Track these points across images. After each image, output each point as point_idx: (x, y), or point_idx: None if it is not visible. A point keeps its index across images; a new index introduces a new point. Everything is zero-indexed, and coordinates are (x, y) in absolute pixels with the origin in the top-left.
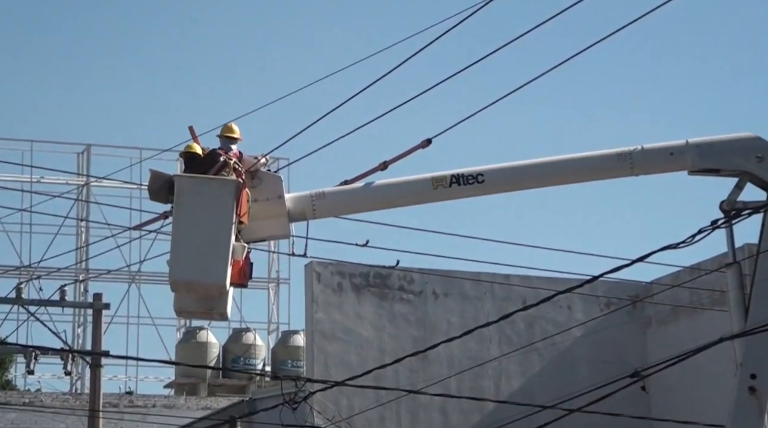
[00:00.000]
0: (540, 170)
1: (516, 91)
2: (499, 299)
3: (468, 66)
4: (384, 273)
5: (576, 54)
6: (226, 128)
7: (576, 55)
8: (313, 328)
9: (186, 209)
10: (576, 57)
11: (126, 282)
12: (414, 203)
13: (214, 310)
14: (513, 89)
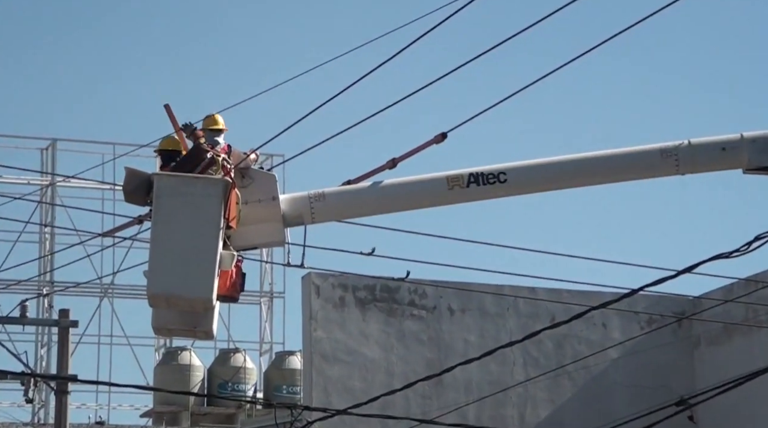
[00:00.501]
0: (571, 168)
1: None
2: (523, 316)
3: (484, 53)
4: (392, 286)
5: (601, 43)
6: (210, 120)
7: (601, 44)
8: (312, 348)
9: (166, 213)
10: (602, 47)
11: (97, 296)
12: (427, 205)
13: (199, 328)
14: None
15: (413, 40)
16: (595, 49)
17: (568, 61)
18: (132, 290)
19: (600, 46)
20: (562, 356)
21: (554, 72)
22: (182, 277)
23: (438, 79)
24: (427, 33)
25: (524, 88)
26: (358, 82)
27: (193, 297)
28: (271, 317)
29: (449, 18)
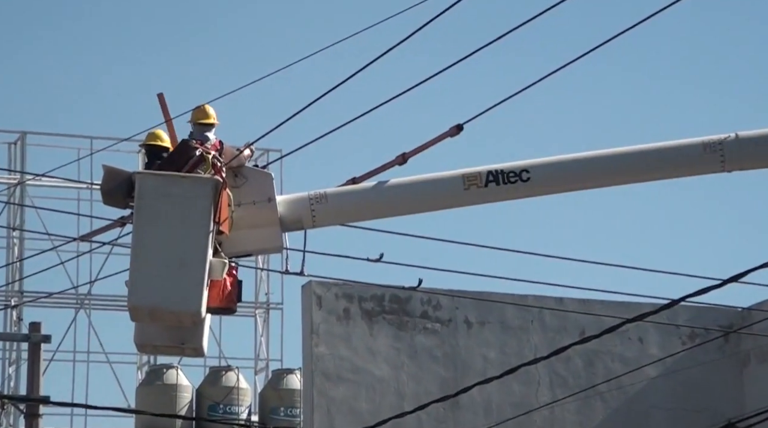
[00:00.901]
0: (602, 165)
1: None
2: (550, 330)
3: (498, 38)
4: (403, 296)
5: (625, 30)
6: (199, 112)
7: (626, 32)
8: (313, 366)
9: (150, 216)
10: (625, 34)
11: (72, 308)
12: (440, 207)
13: (187, 344)
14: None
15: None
16: (621, 36)
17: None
18: (111, 302)
19: (626, 33)
20: (593, 374)
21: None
22: (167, 288)
23: (451, 65)
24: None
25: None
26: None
27: (179, 310)
28: (267, 332)
29: (459, 2)
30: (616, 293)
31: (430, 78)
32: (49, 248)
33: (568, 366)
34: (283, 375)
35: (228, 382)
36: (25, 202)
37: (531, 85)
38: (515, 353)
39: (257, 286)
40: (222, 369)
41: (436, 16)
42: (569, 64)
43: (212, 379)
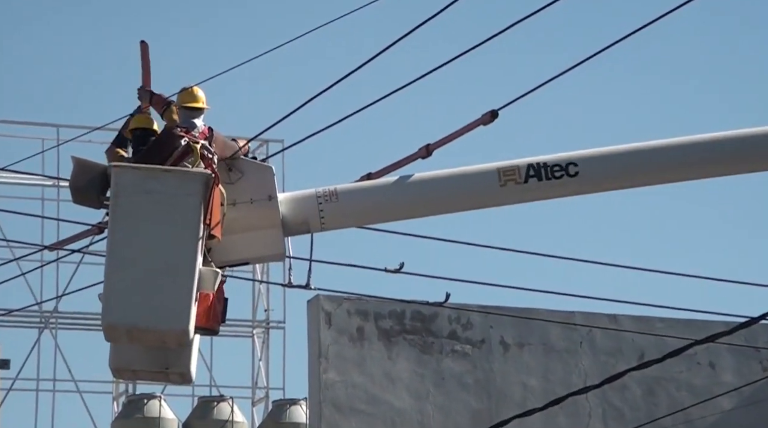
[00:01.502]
0: (663, 157)
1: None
2: (602, 353)
3: (521, 20)
4: (427, 313)
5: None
6: (186, 94)
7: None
8: (321, 396)
9: (128, 217)
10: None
11: (35, 327)
12: (471, 207)
13: (172, 369)
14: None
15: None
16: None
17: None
18: (82, 320)
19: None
20: (654, 406)
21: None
22: (149, 303)
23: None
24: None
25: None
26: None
27: (163, 329)
28: (266, 355)
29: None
30: (681, 309)
31: (455, 59)
32: (8, 257)
33: (624, 395)
34: (286, 406)
35: (220, 415)
36: None
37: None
38: (561, 380)
39: (255, 301)
40: (213, 400)
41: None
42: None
43: (202, 411)
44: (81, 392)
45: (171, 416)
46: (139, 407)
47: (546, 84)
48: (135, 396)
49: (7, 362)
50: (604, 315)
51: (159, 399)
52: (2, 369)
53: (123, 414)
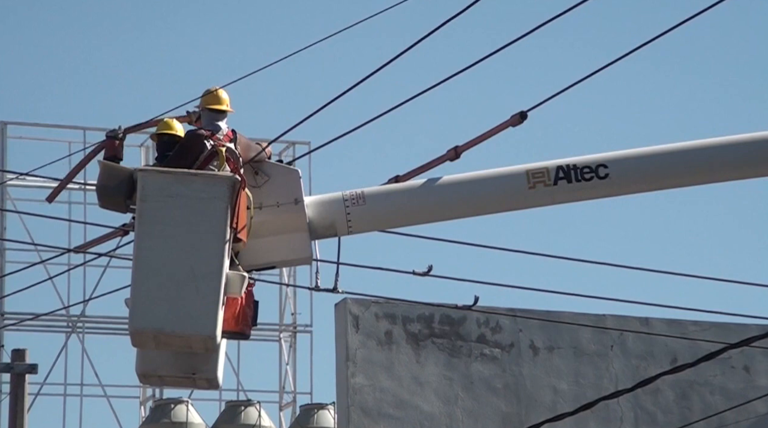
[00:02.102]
0: (695, 157)
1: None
2: (634, 356)
3: (545, 22)
4: (456, 317)
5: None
6: (210, 97)
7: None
8: (349, 400)
9: (155, 221)
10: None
11: (62, 332)
12: (501, 209)
13: (199, 374)
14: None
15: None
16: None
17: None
18: (109, 324)
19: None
20: (687, 410)
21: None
22: (176, 307)
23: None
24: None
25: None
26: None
27: (190, 334)
28: (294, 359)
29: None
30: (715, 312)
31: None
32: (35, 261)
33: (656, 399)
34: (314, 411)
35: (248, 419)
36: (6, 206)
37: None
38: (592, 384)
39: (282, 305)
40: (241, 404)
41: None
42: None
43: (229, 416)
44: (108, 397)
45: (198, 421)
46: (166, 412)
47: (576, 85)
48: (162, 400)
49: (35, 366)
50: (635, 318)
51: (186, 403)
52: (30, 373)
53: (150, 418)
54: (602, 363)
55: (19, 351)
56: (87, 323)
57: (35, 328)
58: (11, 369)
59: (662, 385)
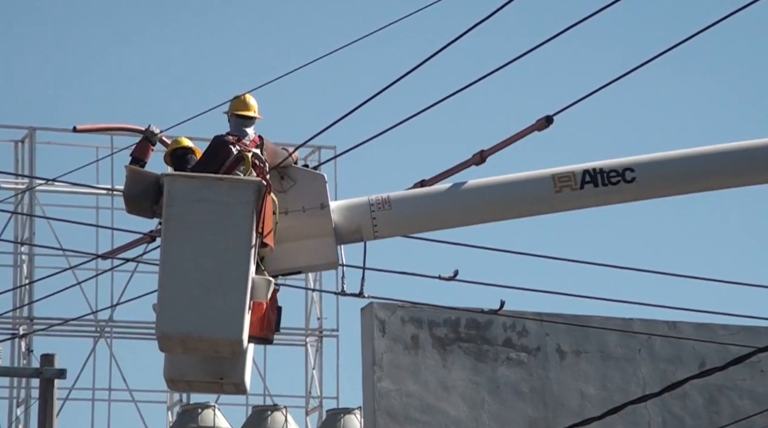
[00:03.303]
0: (723, 161)
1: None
2: (661, 360)
3: (571, 26)
4: (482, 321)
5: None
6: (238, 103)
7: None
8: (375, 405)
9: (181, 226)
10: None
11: (91, 337)
12: (527, 213)
13: (226, 379)
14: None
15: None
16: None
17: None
18: (137, 329)
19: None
20: (716, 414)
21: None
22: (203, 312)
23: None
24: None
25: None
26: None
27: (217, 338)
28: (320, 363)
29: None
30: (744, 316)
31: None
32: (64, 266)
33: (685, 403)
34: (340, 416)
35: (274, 424)
36: (34, 211)
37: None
38: (619, 388)
39: (308, 310)
40: (267, 409)
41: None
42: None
43: (256, 420)
44: (136, 401)
45: (225, 425)
46: (194, 416)
47: (602, 89)
48: (189, 405)
49: (63, 371)
50: (663, 322)
51: (213, 408)
52: (58, 378)
53: (178, 423)
54: (630, 367)
55: (48, 356)
56: (115, 328)
57: (64, 333)
58: (40, 374)
59: (690, 389)
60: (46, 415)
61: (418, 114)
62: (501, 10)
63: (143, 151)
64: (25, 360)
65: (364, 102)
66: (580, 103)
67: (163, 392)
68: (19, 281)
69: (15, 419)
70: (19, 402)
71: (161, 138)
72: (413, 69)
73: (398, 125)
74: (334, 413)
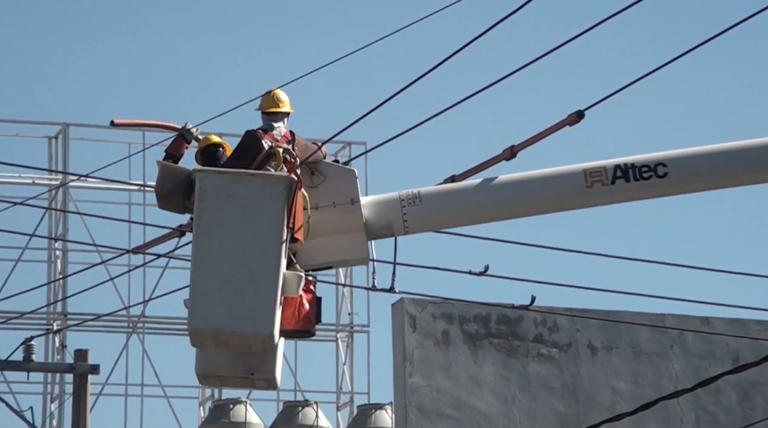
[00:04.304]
0: (755, 155)
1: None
2: (694, 356)
3: (602, 21)
4: (513, 317)
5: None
6: (269, 98)
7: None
8: (407, 400)
9: (213, 221)
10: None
11: (124, 332)
12: (558, 208)
13: (257, 374)
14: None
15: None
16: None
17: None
18: (169, 325)
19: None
20: (750, 410)
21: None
22: (234, 307)
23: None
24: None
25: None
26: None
27: (249, 334)
28: (351, 359)
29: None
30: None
31: (540, 58)
32: (96, 261)
33: (718, 399)
34: (371, 411)
35: (305, 419)
36: (68, 207)
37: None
38: (651, 384)
39: (339, 305)
40: (298, 404)
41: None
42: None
43: (287, 416)
44: (168, 397)
45: (257, 421)
46: (225, 412)
47: (633, 83)
48: (221, 401)
49: (97, 367)
50: (696, 318)
51: (245, 404)
52: (92, 374)
53: (209, 419)
54: (662, 362)
55: (82, 352)
56: (147, 323)
57: (97, 329)
58: (74, 369)
59: (724, 385)
60: (79, 410)
61: (448, 109)
62: (529, 3)
63: (177, 147)
64: (59, 355)
65: (393, 96)
66: (612, 98)
67: (195, 387)
68: (52, 276)
69: (49, 414)
70: (53, 397)
71: (197, 136)
72: (441, 62)
73: (428, 121)
74: (365, 408)
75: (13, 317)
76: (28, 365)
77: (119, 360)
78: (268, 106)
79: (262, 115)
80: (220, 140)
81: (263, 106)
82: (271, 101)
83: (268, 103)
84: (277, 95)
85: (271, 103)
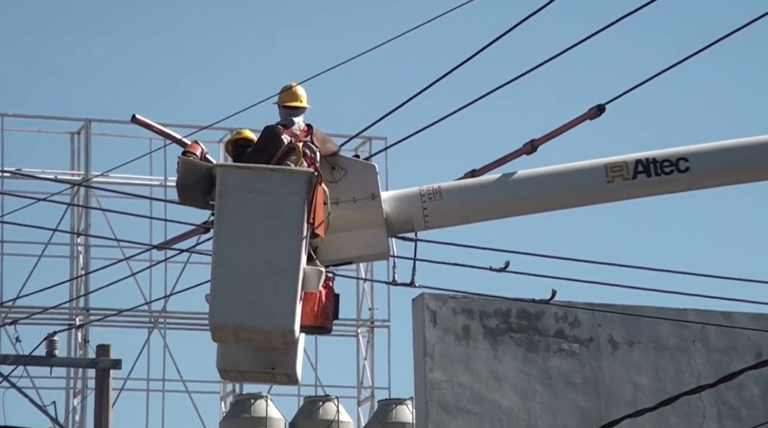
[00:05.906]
0: None
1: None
2: (716, 351)
3: (623, 17)
4: (533, 312)
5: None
6: (289, 93)
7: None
8: (427, 395)
9: (233, 217)
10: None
11: (145, 327)
12: (578, 203)
13: (278, 369)
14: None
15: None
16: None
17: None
18: (190, 320)
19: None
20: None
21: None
22: (255, 302)
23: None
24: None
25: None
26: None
27: (269, 329)
28: (371, 354)
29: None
30: None
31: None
32: (119, 257)
33: (740, 394)
34: (392, 406)
35: (326, 414)
36: (90, 203)
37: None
38: (673, 379)
39: (359, 300)
40: (319, 399)
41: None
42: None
43: (308, 411)
44: (189, 392)
45: (278, 416)
46: (247, 407)
47: (654, 77)
48: (242, 396)
49: (119, 362)
50: (717, 312)
51: (266, 398)
52: (114, 368)
53: (231, 413)
54: (683, 357)
55: (104, 347)
56: (168, 318)
57: (119, 324)
58: (96, 364)
59: (746, 380)
60: (102, 405)
61: (468, 105)
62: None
63: (193, 148)
64: (81, 350)
65: (416, 94)
66: (633, 92)
67: (216, 382)
68: (75, 272)
69: (72, 409)
70: (76, 392)
71: (206, 157)
72: (465, 61)
73: (449, 116)
74: (385, 403)
75: (36, 312)
76: (51, 360)
77: (141, 354)
78: (289, 100)
79: (281, 109)
80: (253, 136)
81: (283, 99)
82: (291, 95)
83: (288, 97)
84: (295, 89)
85: (291, 97)
